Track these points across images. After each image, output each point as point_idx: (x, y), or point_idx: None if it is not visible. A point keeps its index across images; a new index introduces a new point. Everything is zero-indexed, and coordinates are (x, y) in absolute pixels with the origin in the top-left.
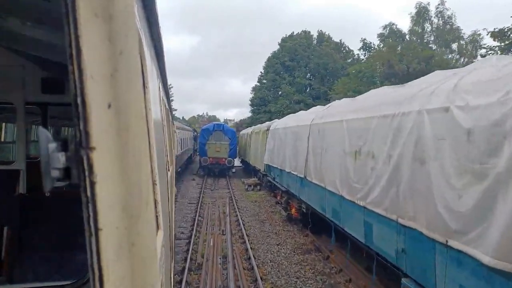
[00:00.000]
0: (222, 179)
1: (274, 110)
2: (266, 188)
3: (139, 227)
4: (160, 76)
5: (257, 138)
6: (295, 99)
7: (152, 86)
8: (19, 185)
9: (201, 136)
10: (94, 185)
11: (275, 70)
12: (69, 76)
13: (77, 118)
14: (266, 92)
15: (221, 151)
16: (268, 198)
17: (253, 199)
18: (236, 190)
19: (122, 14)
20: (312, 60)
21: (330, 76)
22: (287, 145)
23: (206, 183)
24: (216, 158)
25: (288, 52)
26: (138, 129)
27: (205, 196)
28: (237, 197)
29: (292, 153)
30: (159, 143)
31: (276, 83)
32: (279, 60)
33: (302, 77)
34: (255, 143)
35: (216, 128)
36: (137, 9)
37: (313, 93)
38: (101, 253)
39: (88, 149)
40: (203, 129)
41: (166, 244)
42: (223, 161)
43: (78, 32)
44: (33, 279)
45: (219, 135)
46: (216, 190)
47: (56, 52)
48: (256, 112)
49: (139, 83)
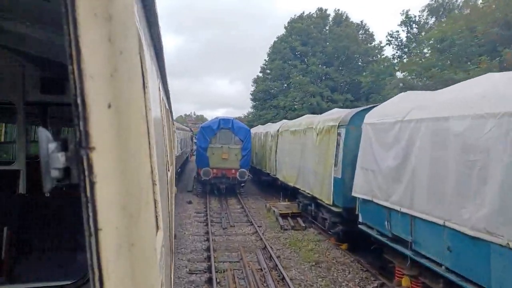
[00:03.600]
0: (231, 199)
1: (284, 104)
2: (316, 224)
3: (138, 227)
4: (160, 76)
5: (295, 141)
6: (310, 91)
7: (152, 86)
8: (19, 185)
9: (200, 137)
10: (94, 185)
11: (283, 57)
12: (69, 76)
13: (77, 118)
14: (271, 83)
15: (230, 158)
16: (337, 253)
17: (310, 258)
18: (263, 225)
19: (122, 14)
20: (330, 44)
21: (351, 63)
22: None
23: (211, 209)
24: (222, 169)
25: (300, 35)
26: (138, 129)
27: (218, 248)
28: (276, 249)
29: None
30: (159, 143)
31: (284, 72)
32: (288, 44)
33: (317, 65)
34: (290, 149)
35: (223, 126)
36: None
37: (330, 84)
38: (101, 253)
39: (88, 149)
40: (203, 127)
41: (166, 244)
42: (232, 173)
43: (77, 32)
44: (33, 279)
45: (226, 136)
46: (232, 227)
47: (56, 52)
48: (260, 108)
49: (139, 83)
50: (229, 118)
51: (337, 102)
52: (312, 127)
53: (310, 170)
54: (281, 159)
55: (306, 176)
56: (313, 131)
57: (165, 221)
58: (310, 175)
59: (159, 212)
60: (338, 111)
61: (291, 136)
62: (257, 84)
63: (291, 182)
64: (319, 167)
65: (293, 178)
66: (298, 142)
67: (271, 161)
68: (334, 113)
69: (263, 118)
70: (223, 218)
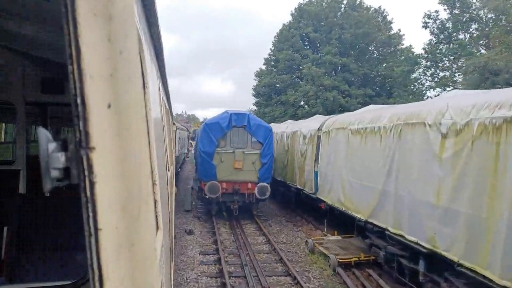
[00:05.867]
0: (246, 224)
1: (294, 100)
2: None
3: (138, 227)
4: (160, 76)
5: (366, 147)
6: (325, 85)
7: (152, 86)
8: (19, 185)
9: (204, 138)
10: (94, 185)
11: (292, 45)
12: (68, 76)
13: (77, 118)
14: (278, 76)
15: (246, 168)
16: None
17: None
18: (312, 280)
19: (122, 14)
20: (347, 30)
21: (371, 53)
22: None
23: (223, 246)
24: (235, 182)
25: (312, 20)
26: (138, 129)
27: None
28: None
29: None
30: (159, 143)
31: (294, 63)
32: (298, 31)
33: (333, 54)
34: (353, 158)
35: (236, 123)
36: (137, 9)
37: (347, 76)
38: (100, 253)
39: (88, 149)
40: (208, 124)
41: (166, 244)
42: (249, 189)
43: (77, 32)
44: (33, 279)
45: (240, 136)
46: None
47: (56, 52)
48: (264, 105)
49: (139, 83)
50: (244, 112)
51: (356, 97)
52: (425, 121)
53: (418, 201)
54: (328, 171)
55: (405, 208)
56: (428, 129)
57: (165, 221)
58: (421, 208)
59: (159, 212)
60: (423, 104)
61: (353, 137)
62: (261, 78)
63: (359, 213)
64: (464, 201)
65: (366, 208)
66: (376, 148)
67: (305, 173)
68: None
69: (268, 116)
70: (245, 266)
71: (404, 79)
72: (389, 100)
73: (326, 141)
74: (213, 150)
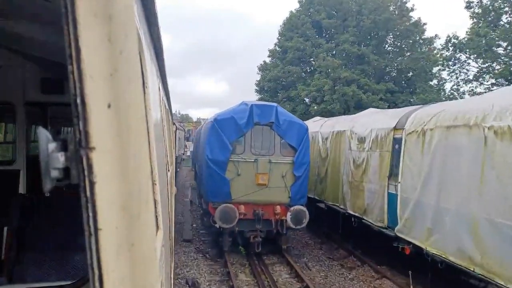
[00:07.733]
0: (276, 270)
1: (306, 95)
2: None
3: (138, 227)
4: (160, 76)
5: None
6: (343, 78)
7: (152, 86)
8: (19, 185)
9: (212, 142)
10: (94, 185)
11: (303, 34)
12: (68, 76)
13: (77, 118)
14: (286, 67)
15: (273, 183)
16: None
17: None
18: None
19: (122, 14)
20: (367, 16)
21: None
22: None
23: None
24: (257, 204)
25: (325, 5)
26: (138, 129)
27: None
28: None
29: None
30: (159, 143)
31: (305, 53)
32: (310, 18)
33: (350, 43)
34: (496, 181)
35: (259, 118)
36: (137, 9)
37: (366, 69)
38: (100, 253)
39: (87, 149)
40: (218, 121)
41: (166, 244)
42: (277, 213)
43: (77, 32)
44: (33, 279)
45: (265, 138)
46: None
47: (56, 52)
48: (269, 101)
49: (139, 83)
50: (269, 104)
51: (378, 93)
52: None
53: None
54: (424, 198)
55: None
56: None
57: (165, 221)
58: None
59: (159, 212)
60: None
61: (500, 144)
62: (265, 72)
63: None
64: None
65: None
66: None
67: (365, 193)
68: None
69: None
70: None
71: (426, 74)
72: (412, 96)
73: (417, 148)
74: (226, 158)
